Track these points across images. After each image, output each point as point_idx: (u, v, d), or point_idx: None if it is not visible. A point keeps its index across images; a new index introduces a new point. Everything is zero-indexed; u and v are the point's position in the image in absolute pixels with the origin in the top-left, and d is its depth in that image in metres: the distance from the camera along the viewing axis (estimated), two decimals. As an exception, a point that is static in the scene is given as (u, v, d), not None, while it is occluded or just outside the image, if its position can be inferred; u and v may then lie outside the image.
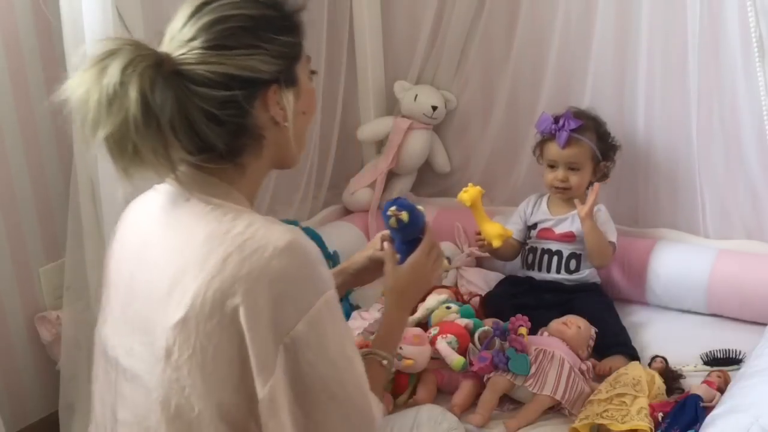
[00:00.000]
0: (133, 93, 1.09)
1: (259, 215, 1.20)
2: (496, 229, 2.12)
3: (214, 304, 1.11)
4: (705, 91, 2.22)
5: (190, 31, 1.17)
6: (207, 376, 1.14)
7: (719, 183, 2.30)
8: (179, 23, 1.19)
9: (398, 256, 1.57)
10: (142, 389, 1.19)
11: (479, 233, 2.18)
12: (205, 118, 1.14)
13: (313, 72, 1.31)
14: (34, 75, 2.01)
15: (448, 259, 2.11)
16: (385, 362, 1.44)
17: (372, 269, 1.64)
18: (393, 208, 1.55)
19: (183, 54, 1.15)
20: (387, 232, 1.62)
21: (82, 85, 1.11)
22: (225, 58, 1.15)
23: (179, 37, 1.17)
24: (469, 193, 2.08)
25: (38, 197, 2.07)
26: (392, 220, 1.55)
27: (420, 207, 1.60)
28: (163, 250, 1.20)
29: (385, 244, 1.59)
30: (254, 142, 1.21)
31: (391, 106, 2.78)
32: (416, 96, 2.64)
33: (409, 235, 1.58)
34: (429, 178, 2.80)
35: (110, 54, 1.11)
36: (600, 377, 1.92)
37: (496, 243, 2.13)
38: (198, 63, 1.14)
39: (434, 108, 2.63)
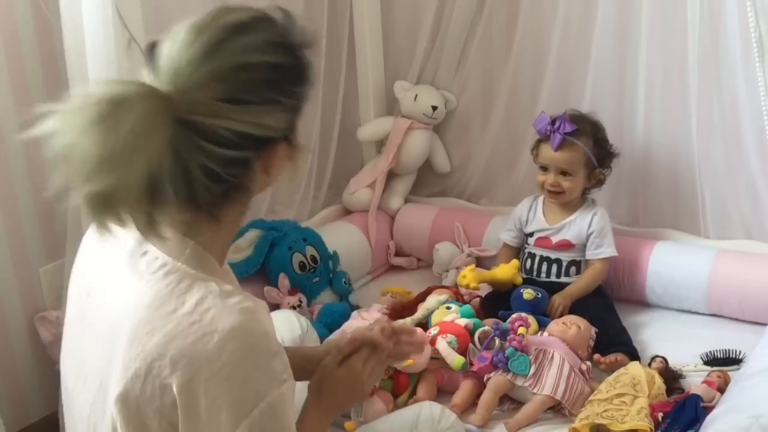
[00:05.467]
0: (140, 162, 0.92)
1: (215, 284, 1.04)
2: (507, 273, 2.18)
3: (153, 390, 1.01)
4: (705, 91, 2.22)
5: (201, 73, 0.98)
6: None
7: (719, 183, 2.30)
8: (185, 55, 0.99)
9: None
10: None
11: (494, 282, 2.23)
12: (205, 176, 0.99)
13: None
14: (34, 74, 2.00)
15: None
16: None
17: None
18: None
19: (193, 101, 0.97)
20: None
21: (70, 131, 0.92)
22: (242, 114, 0.99)
23: (189, 80, 0.98)
24: (469, 278, 2.16)
25: (38, 197, 2.07)
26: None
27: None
28: (113, 307, 1.09)
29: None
30: (242, 195, 1.09)
31: (391, 106, 2.77)
32: (416, 96, 2.64)
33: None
34: (429, 178, 2.80)
35: (115, 103, 0.92)
36: (608, 368, 1.93)
37: (519, 280, 2.21)
38: (210, 116, 0.97)
39: (434, 108, 2.62)
